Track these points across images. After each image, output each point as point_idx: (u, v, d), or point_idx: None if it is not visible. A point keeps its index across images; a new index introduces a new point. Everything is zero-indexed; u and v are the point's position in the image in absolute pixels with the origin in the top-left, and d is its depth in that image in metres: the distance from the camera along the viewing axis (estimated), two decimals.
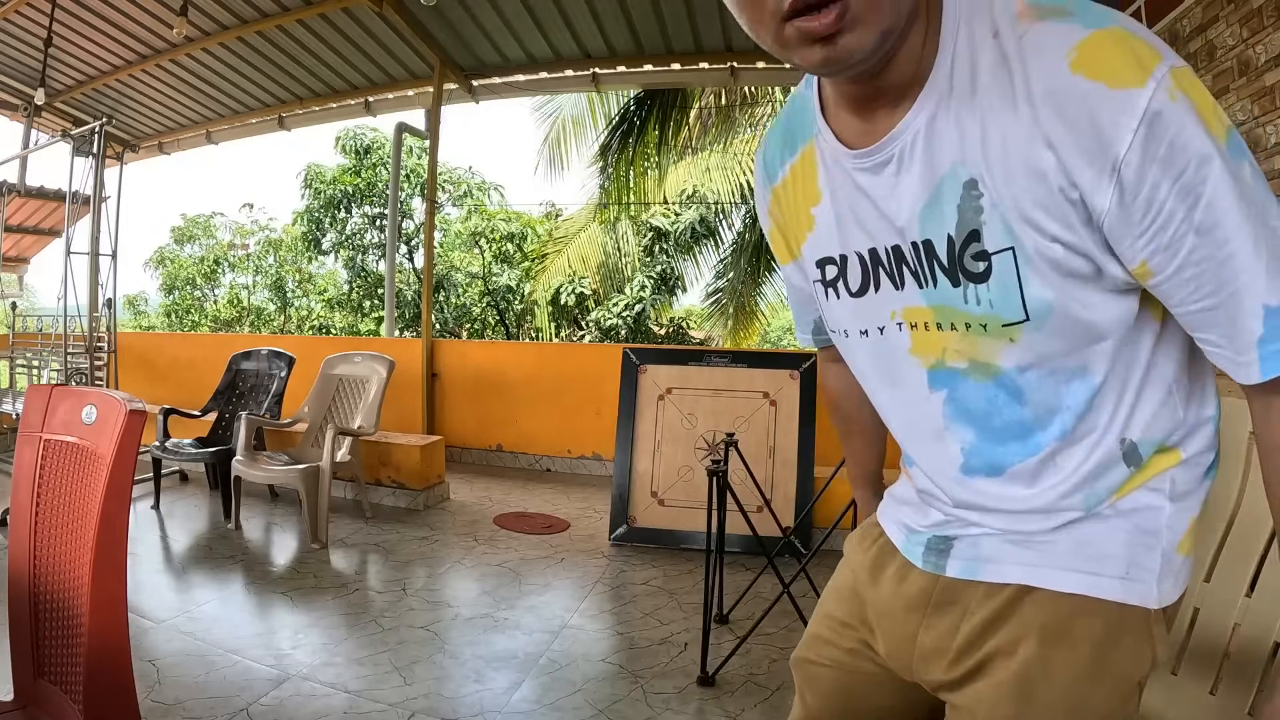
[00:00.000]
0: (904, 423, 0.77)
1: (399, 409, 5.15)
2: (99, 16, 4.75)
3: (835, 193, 0.72)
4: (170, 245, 14.81)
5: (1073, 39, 0.54)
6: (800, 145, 0.76)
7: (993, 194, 0.60)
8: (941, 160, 0.62)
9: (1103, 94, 0.53)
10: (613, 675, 2.19)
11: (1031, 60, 0.56)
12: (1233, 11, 2.75)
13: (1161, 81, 0.52)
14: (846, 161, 0.69)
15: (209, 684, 2.04)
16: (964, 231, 0.62)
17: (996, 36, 0.59)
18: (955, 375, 0.69)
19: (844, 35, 0.56)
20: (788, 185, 0.79)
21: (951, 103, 0.61)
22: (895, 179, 0.65)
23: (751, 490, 3.03)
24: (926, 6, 0.61)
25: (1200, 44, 2.96)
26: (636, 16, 4.68)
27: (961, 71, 0.60)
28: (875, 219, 0.68)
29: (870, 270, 0.71)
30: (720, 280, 10.99)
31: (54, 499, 1.08)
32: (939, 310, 0.67)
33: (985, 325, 0.64)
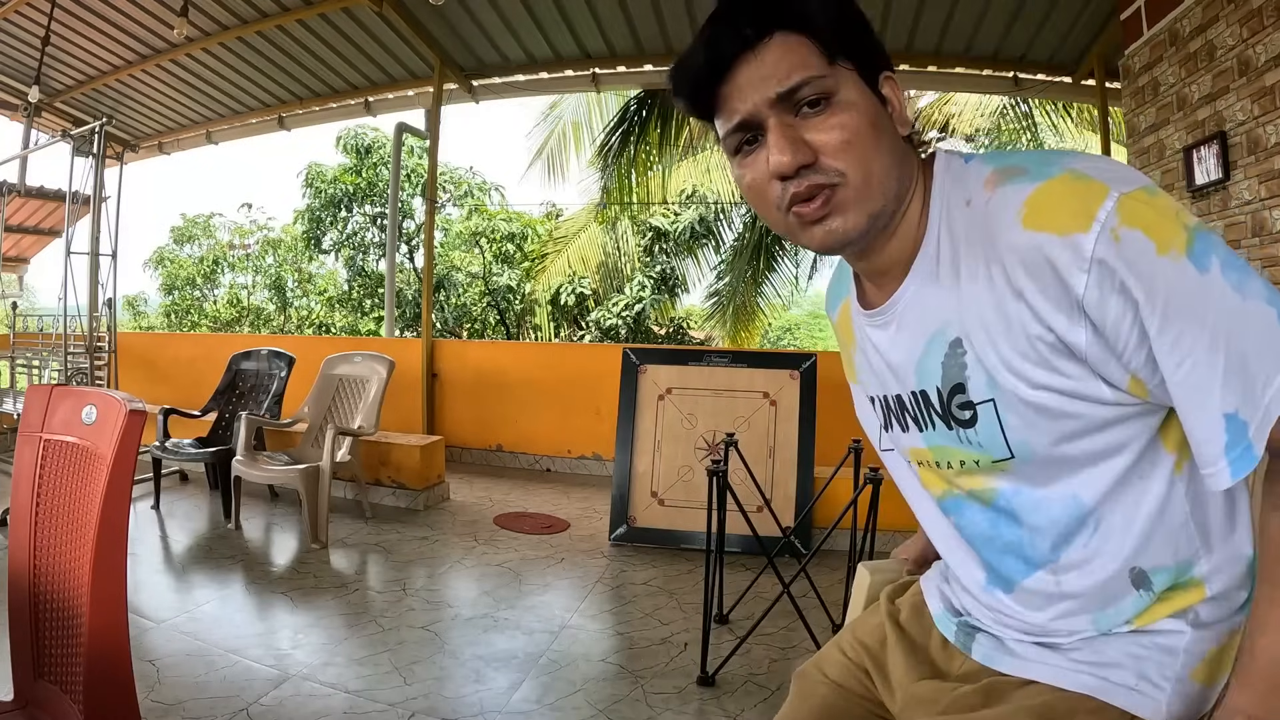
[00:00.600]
0: (937, 541, 0.85)
1: (399, 409, 5.15)
2: (98, 16, 4.75)
3: (861, 344, 0.83)
4: (170, 245, 14.80)
5: (1023, 196, 0.62)
6: (845, 295, 0.87)
7: (976, 351, 0.67)
8: (929, 322, 0.71)
9: (1052, 243, 0.59)
10: (613, 675, 2.19)
11: (994, 224, 0.64)
12: (1233, 11, 2.75)
13: (1106, 221, 0.57)
14: (861, 318, 0.81)
15: (209, 684, 2.04)
16: (949, 384, 0.70)
17: (969, 205, 0.67)
18: (960, 503, 0.77)
19: (832, 219, 0.66)
20: (838, 325, 0.91)
21: (939, 272, 0.69)
22: (894, 337, 0.75)
23: (751, 490, 3.03)
24: (921, 188, 0.71)
25: (1200, 44, 2.96)
26: (636, 16, 4.69)
27: (945, 245, 0.69)
28: (884, 370, 0.79)
29: (890, 413, 0.81)
30: (721, 281, 10.99)
31: (54, 499, 1.08)
32: (937, 450, 0.75)
33: (978, 461, 0.71)
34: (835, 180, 0.65)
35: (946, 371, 0.70)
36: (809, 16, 0.66)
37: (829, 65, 0.65)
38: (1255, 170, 2.67)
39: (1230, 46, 2.77)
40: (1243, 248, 2.77)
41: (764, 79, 0.65)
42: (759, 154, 0.68)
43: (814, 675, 0.95)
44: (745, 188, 0.71)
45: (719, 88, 0.68)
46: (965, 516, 0.77)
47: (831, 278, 0.94)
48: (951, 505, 0.78)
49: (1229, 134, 2.79)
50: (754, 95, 0.66)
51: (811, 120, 0.65)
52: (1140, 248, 0.57)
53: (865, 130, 0.65)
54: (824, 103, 0.65)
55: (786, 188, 0.66)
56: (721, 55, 0.67)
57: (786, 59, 0.65)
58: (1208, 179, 2.91)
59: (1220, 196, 2.89)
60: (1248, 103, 2.69)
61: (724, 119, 0.69)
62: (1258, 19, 2.62)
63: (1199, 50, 2.97)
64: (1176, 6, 3.11)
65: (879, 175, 0.66)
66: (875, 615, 0.95)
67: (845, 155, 0.65)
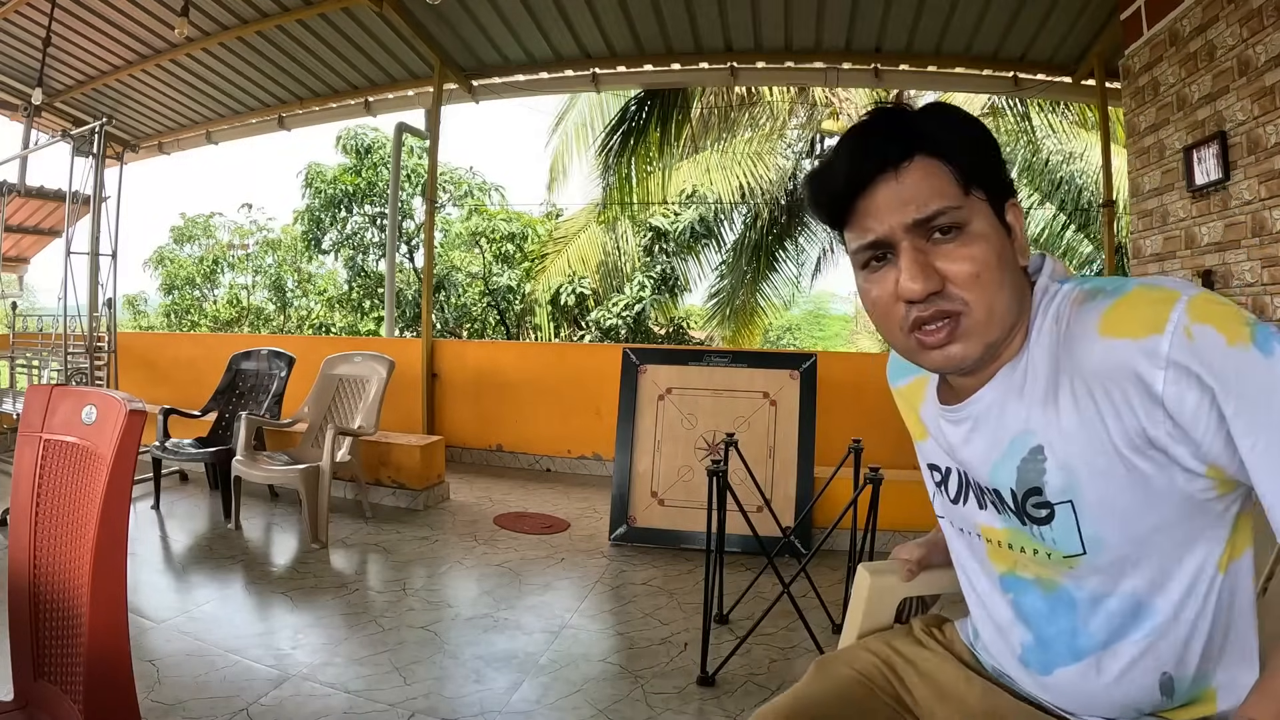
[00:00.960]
0: (978, 605, 0.89)
1: (399, 409, 5.15)
2: (99, 16, 4.75)
3: (932, 429, 0.87)
4: (170, 245, 14.80)
5: (1101, 310, 0.67)
6: (916, 373, 0.91)
7: (1058, 457, 0.70)
8: (1008, 429, 0.74)
9: (1130, 348, 0.63)
10: (613, 675, 2.19)
11: (1075, 338, 0.68)
12: (1233, 11, 2.75)
13: (1179, 321, 0.61)
14: (938, 410, 0.84)
15: (209, 684, 2.04)
16: (1024, 488, 0.73)
17: (1057, 323, 0.71)
18: (1023, 583, 0.80)
19: (953, 346, 0.70)
20: (907, 392, 0.94)
21: (1025, 385, 0.73)
22: (968, 435, 0.79)
23: (751, 490, 3.03)
24: (1028, 314, 0.74)
25: (1200, 44, 2.96)
26: (636, 16, 4.68)
27: (1034, 360, 0.73)
28: (961, 456, 0.82)
29: (963, 487, 0.84)
30: (722, 281, 10.99)
31: (54, 499, 1.08)
32: (1012, 534, 0.78)
33: (1049, 554, 0.74)
34: (960, 309, 0.69)
35: (1022, 475, 0.73)
36: (948, 144, 0.69)
37: (964, 195, 0.69)
38: (1255, 170, 2.67)
39: (1230, 46, 2.77)
40: (1242, 248, 2.77)
41: (903, 203, 0.69)
42: (888, 273, 0.72)
43: (837, 663, 0.98)
44: (870, 301, 0.75)
45: (856, 201, 0.71)
46: (1025, 597, 0.79)
47: (895, 357, 0.97)
48: (1012, 584, 0.81)
49: (1229, 134, 2.79)
50: (890, 218, 0.69)
51: (943, 248, 0.69)
52: (1211, 341, 0.61)
53: (993, 263, 0.69)
54: (956, 232, 0.69)
55: (911, 310, 0.70)
56: (863, 172, 0.70)
57: (925, 185, 0.68)
58: (1208, 179, 2.91)
59: (1220, 196, 2.89)
60: (1248, 103, 2.69)
61: (856, 234, 0.73)
62: (1258, 19, 2.61)
63: (1199, 50, 2.97)
64: (1176, 6, 3.11)
65: (1000, 310, 0.70)
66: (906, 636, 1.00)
67: (973, 288, 0.68)
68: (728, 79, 5.41)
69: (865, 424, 3.44)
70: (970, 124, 0.72)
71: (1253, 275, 2.72)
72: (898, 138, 0.69)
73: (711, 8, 4.54)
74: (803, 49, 4.97)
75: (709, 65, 5.22)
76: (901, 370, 0.96)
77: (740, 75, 5.34)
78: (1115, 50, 3.94)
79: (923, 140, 0.69)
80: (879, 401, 4.91)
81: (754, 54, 5.07)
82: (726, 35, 4.87)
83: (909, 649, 0.97)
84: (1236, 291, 2.81)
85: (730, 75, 5.30)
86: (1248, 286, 2.75)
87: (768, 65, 5.19)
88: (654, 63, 5.24)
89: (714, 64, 5.19)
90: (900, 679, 0.94)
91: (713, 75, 5.42)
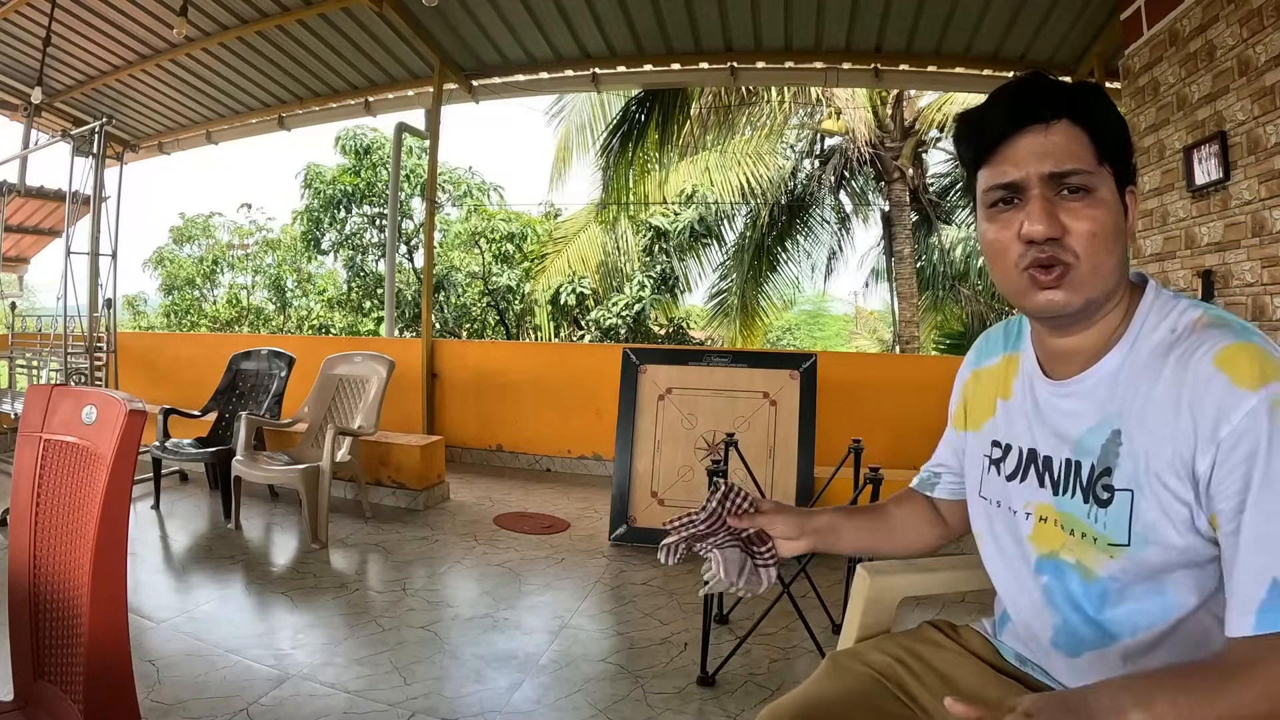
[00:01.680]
0: (1008, 590, 0.92)
1: (399, 409, 5.15)
2: (99, 16, 4.75)
3: (1023, 398, 0.90)
4: (169, 245, 14.79)
5: (1223, 342, 0.71)
6: (1009, 350, 0.96)
7: (1131, 445, 0.76)
8: (1106, 407, 0.79)
9: (1225, 386, 0.69)
10: (613, 675, 2.19)
11: (1190, 352, 0.73)
12: (1233, 11, 2.75)
13: (1272, 391, 0.66)
14: (1040, 383, 0.88)
15: (209, 684, 2.04)
16: (1101, 466, 0.78)
17: (1172, 331, 0.77)
18: (1062, 567, 0.83)
19: (1058, 292, 0.76)
20: (991, 372, 0.98)
21: (1122, 372, 0.79)
22: (1074, 407, 0.83)
23: (751, 490, 3.02)
24: (1126, 300, 0.81)
25: (1200, 44, 2.96)
26: (636, 16, 4.68)
27: (1138, 352, 0.78)
28: (1044, 431, 0.86)
29: (1024, 464, 0.88)
30: (723, 281, 11.00)
31: (54, 499, 1.08)
32: (1065, 516, 0.82)
33: (1096, 539, 0.78)
34: (1071, 261, 0.74)
35: (1104, 453, 0.78)
36: (1095, 118, 0.76)
37: (1097, 164, 0.75)
38: (1255, 170, 2.67)
39: (1230, 46, 2.77)
40: (1242, 248, 2.76)
41: (1045, 154, 0.75)
42: (1013, 215, 0.77)
43: (850, 660, 0.99)
44: (988, 241, 0.80)
45: (1001, 146, 0.77)
46: (1060, 580, 0.83)
47: (990, 333, 1.03)
48: (1051, 566, 0.84)
49: (1229, 134, 2.79)
50: (1030, 165, 0.75)
51: (1069, 204, 0.74)
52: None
53: (1109, 228, 0.75)
54: (1084, 193, 0.75)
55: (1028, 251, 0.76)
56: (1018, 118, 0.76)
57: (1067, 144, 0.75)
58: (1208, 179, 2.91)
59: (1220, 196, 2.89)
60: (1248, 103, 2.69)
61: (994, 174, 0.78)
62: (1258, 19, 2.61)
63: (1199, 50, 2.97)
64: (1176, 6, 3.10)
65: (1105, 270, 0.76)
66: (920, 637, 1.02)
67: (1087, 244, 0.74)
68: (728, 79, 5.41)
69: (865, 424, 3.44)
70: (1114, 111, 0.79)
71: (1253, 275, 2.72)
72: (1053, 99, 0.76)
73: (711, 8, 4.54)
74: (803, 49, 4.97)
75: (709, 65, 5.22)
76: (990, 350, 1.00)
77: (740, 75, 5.33)
78: (1115, 50, 3.94)
79: (1073, 108, 0.75)
80: (879, 401, 4.94)
81: (754, 54, 5.07)
82: (726, 35, 4.87)
83: (923, 649, 0.98)
84: (1236, 292, 2.81)
85: (730, 75, 5.30)
86: (1248, 286, 2.75)
87: (768, 65, 5.19)
88: (654, 63, 5.24)
89: (714, 64, 5.19)
90: (915, 677, 0.95)
91: (713, 75, 5.42)
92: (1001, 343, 0.98)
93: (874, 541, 1.08)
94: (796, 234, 10.21)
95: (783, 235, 10.12)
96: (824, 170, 10.05)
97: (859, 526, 1.05)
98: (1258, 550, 0.65)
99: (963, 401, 1.03)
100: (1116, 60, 3.79)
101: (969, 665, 0.94)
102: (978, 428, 0.97)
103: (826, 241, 10.60)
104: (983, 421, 0.96)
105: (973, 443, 0.98)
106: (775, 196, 9.92)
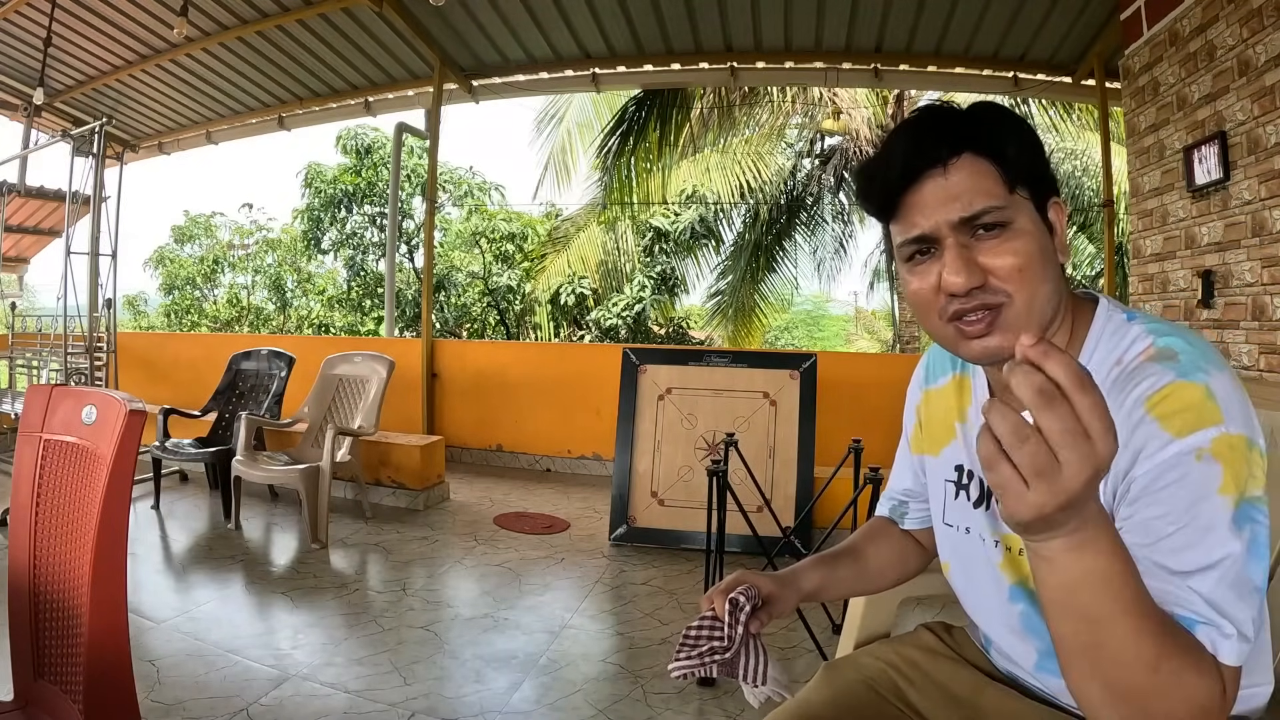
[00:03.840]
0: (984, 618, 0.90)
1: (399, 409, 5.15)
2: (99, 16, 4.75)
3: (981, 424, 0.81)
4: (170, 245, 14.80)
5: (1162, 381, 0.66)
6: (959, 371, 0.92)
7: None
8: None
9: (1151, 428, 0.64)
10: (613, 675, 2.19)
11: (1127, 388, 0.68)
12: (1233, 11, 2.75)
13: (1199, 443, 0.62)
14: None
15: (209, 684, 2.04)
16: None
17: (1118, 363, 0.72)
18: (1034, 595, 0.79)
19: (991, 338, 0.71)
20: (942, 394, 0.94)
21: None
22: None
23: (751, 490, 3.03)
24: (1071, 321, 0.77)
25: (1200, 44, 2.96)
26: (636, 16, 4.68)
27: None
28: None
29: (989, 492, 0.83)
30: (722, 280, 10.99)
31: (54, 499, 1.08)
32: None
33: None
34: (1001, 300, 0.70)
35: None
36: (995, 144, 0.71)
37: (1009, 194, 0.70)
38: (1255, 170, 2.67)
39: (1230, 46, 2.77)
40: (1242, 248, 2.77)
41: (950, 199, 0.70)
42: (931, 266, 0.73)
43: (844, 669, 0.99)
44: (910, 292, 0.76)
45: (904, 196, 0.72)
46: (1034, 607, 0.80)
47: (936, 350, 0.97)
48: (1024, 595, 0.81)
49: (1229, 134, 2.79)
50: (937, 214, 0.70)
51: (987, 244, 0.70)
52: (1209, 476, 0.61)
53: (1035, 258, 0.70)
54: (1000, 229, 0.70)
55: (952, 302, 0.71)
56: (912, 168, 0.71)
57: (972, 183, 0.70)
58: (1208, 179, 2.91)
59: (1220, 196, 2.89)
60: (1248, 103, 2.69)
61: (902, 228, 0.74)
62: (1258, 19, 2.61)
63: (1199, 50, 2.97)
64: (1176, 6, 3.11)
65: (1040, 303, 0.71)
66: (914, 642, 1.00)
67: (1015, 280, 0.69)
68: (728, 79, 5.40)
69: (865, 424, 3.44)
70: (1017, 124, 0.73)
71: (1253, 275, 2.72)
72: (947, 136, 0.71)
73: (711, 8, 4.54)
74: (803, 49, 4.97)
75: (709, 65, 5.22)
76: (939, 370, 0.96)
77: (740, 75, 5.33)
78: (1115, 50, 3.94)
79: (971, 139, 0.70)
80: (879, 401, 4.93)
81: (754, 54, 5.07)
82: (726, 35, 4.87)
83: (918, 655, 0.97)
84: (1236, 292, 2.81)
85: (730, 75, 5.29)
86: (1248, 286, 2.75)
87: (768, 65, 5.19)
88: (654, 63, 5.23)
89: (714, 64, 5.19)
90: (910, 684, 0.94)
91: (713, 75, 5.42)
92: (949, 362, 0.94)
93: (859, 588, 1.05)
94: (796, 234, 10.21)
95: (782, 235, 10.12)
96: (824, 170, 10.05)
97: (840, 581, 1.01)
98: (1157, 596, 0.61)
99: (918, 423, 0.99)
100: (1116, 60, 3.79)
101: (964, 671, 0.94)
102: (937, 452, 0.94)
103: (826, 241, 10.60)
104: (942, 446, 0.93)
105: (932, 467, 0.95)
106: (775, 196, 9.92)
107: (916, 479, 1.01)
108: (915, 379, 1.01)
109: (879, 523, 1.08)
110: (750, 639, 0.89)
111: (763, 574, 0.95)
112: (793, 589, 0.95)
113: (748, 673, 0.87)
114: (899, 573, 1.05)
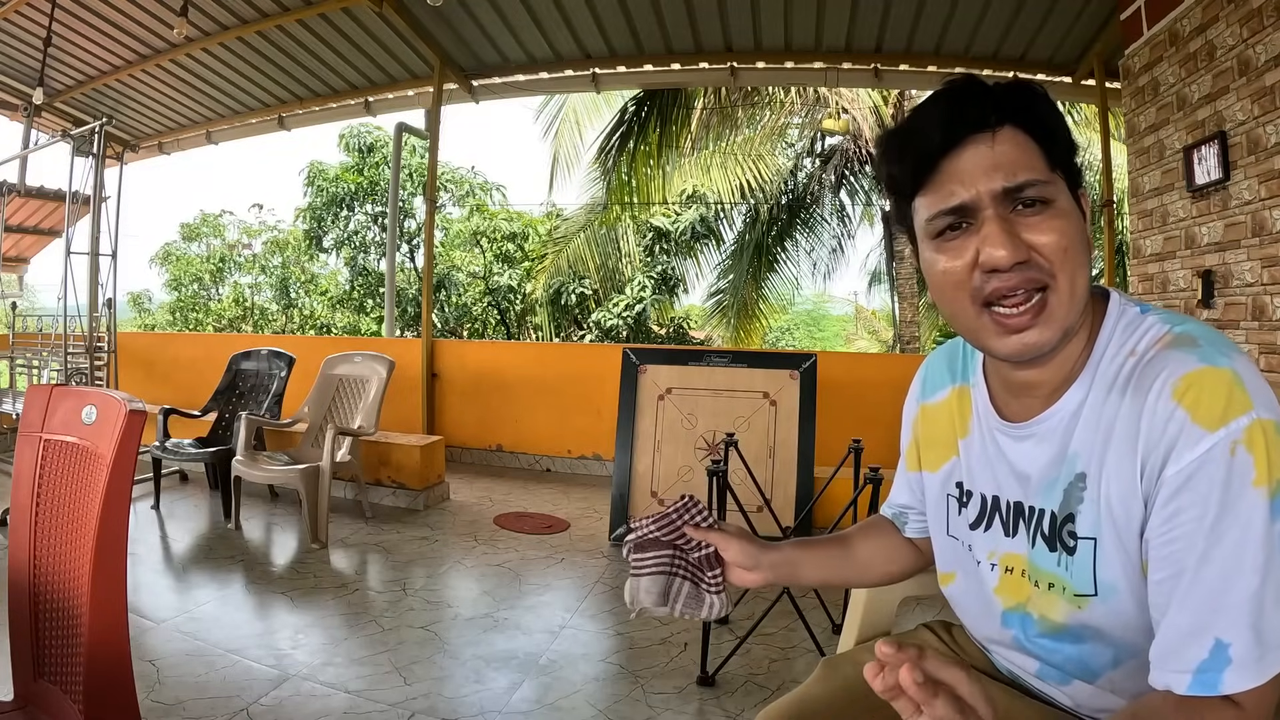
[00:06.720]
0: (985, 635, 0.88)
1: (399, 409, 5.15)
2: (99, 16, 4.75)
3: (982, 440, 0.82)
4: (178, 243, 14.82)
5: (1184, 368, 0.62)
6: (960, 382, 0.88)
7: (1094, 490, 0.69)
8: (1068, 448, 0.72)
9: (1183, 422, 0.61)
10: (613, 675, 2.19)
11: (1148, 379, 0.65)
12: (1233, 11, 2.75)
13: (1232, 433, 0.59)
14: (995, 425, 0.80)
15: (209, 684, 2.04)
16: (1064, 512, 0.72)
17: (1133, 355, 0.68)
18: (1029, 621, 0.77)
19: (1033, 331, 0.66)
20: (941, 409, 0.90)
21: (1088, 405, 0.70)
22: (1032, 452, 0.75)
23: (751, 490, 3.03)
24: (1090, 319, 0.72)
25: (1200, 44, 2.96)
26: (636, 16, 4.68)
27: (1100, 384, 0.70)
28: (1007, 475, 0.78)
29: (989, 512, 0.81)
30: (722, 280, 10.99)
31: (54, 499, 1.08)
32: (1034, 567, 0.76)
33: (1064, 589, 0.73)
34: (1045, 281, 0.65)
35: (1066, 498, 0.71)
36: (1041, 121, 0.67)
37: (1050, 171, 0.66)
38: (1255, 170, 2.67)
39: (1230, 46, 2.77)
40: (1242, 248, 2.76)
41: (994, 168, 0.65)
42: (966, 242, 0.67)
43: (844, 664, 0.98)
44: (939, 273, 0.70)
45: (941, 164, 0.67)
46: (1029, 631, 0.78)
47: (941, 353, 0.93)
48: (1018, 619, 0.79)
49: (1229, 134, 2.79)
50: (980, 183, 0.65)
51: (1029, 219, 0.65)
52: (1243, 469, 0.58)
53: (1078, 240, 0.66)
54: (1042, 206, 0.65)
55: (989, 280, 0.66)
56: (954, 134, 0.66)
57: (1018, 155, 0.65)
58: (1208, 179, 2.91)
59: (1220, 196, 2.89)
60: (1248, 103, 2.69)
61: (937, 198, 0.68)
62: (1258, 19, 2.61)
63: (1199, 50, 2.97)
64: (1176, 6, 3.10)
65: (1080, 289, 0.66)
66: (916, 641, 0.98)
67: (1061, 259, 0.65)
68: (728, 79, 5.40)
69: (865, 424, 3.44)
70: (1057, 110, 0.69)
71: (1253, 275, 2.72)
72: (995, 102, 0.66)
73: (711, 8, 4.54)
74: (803, 49, 4.97)
75: (709, 65, 5.21)
76: (937, 382, 0.91)
77: (740, 75, 5.33)
78: (1115, 50, 3.94)
79: (1016, 111, 0.66)
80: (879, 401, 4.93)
81: (754, 54, 5.07)
82: (726, 35, 4.86)
83: None
84: (1236, 292, 2.81)
85: (730, 75, 5.29)
86: (1248, 286, 2.75)
87: (768, 65, 5.19)
88: (654, 63, 5.23)
89: (714, 64, 5.18)
90: None
91: (713, 75, 5.42)
92: (947, 374, 0.90)
93: (838, 573, 0.99)
94: (796, 234, 10.21)
95: (782, 235, 10.12)
96: (825, 170, 10.05)
97: (820, 559, 0.96)
98: (1200, 607, 0.59)
99: (915, 440, 0.95)
100: (1116, 60, 3.78)
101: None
102: (935, 469, 0.90)
103: (827, 241, 10.60)
104: (942, 462, 0.89)
105: (931, 483, 0.91)
106: (775, 196, 9.92)
107: (913, 495, 0.97)
108: (912, 392, 0.97)
109: (879, 519, 1.06)
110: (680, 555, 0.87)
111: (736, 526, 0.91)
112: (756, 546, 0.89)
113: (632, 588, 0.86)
114: (885, 569, 1.01)
